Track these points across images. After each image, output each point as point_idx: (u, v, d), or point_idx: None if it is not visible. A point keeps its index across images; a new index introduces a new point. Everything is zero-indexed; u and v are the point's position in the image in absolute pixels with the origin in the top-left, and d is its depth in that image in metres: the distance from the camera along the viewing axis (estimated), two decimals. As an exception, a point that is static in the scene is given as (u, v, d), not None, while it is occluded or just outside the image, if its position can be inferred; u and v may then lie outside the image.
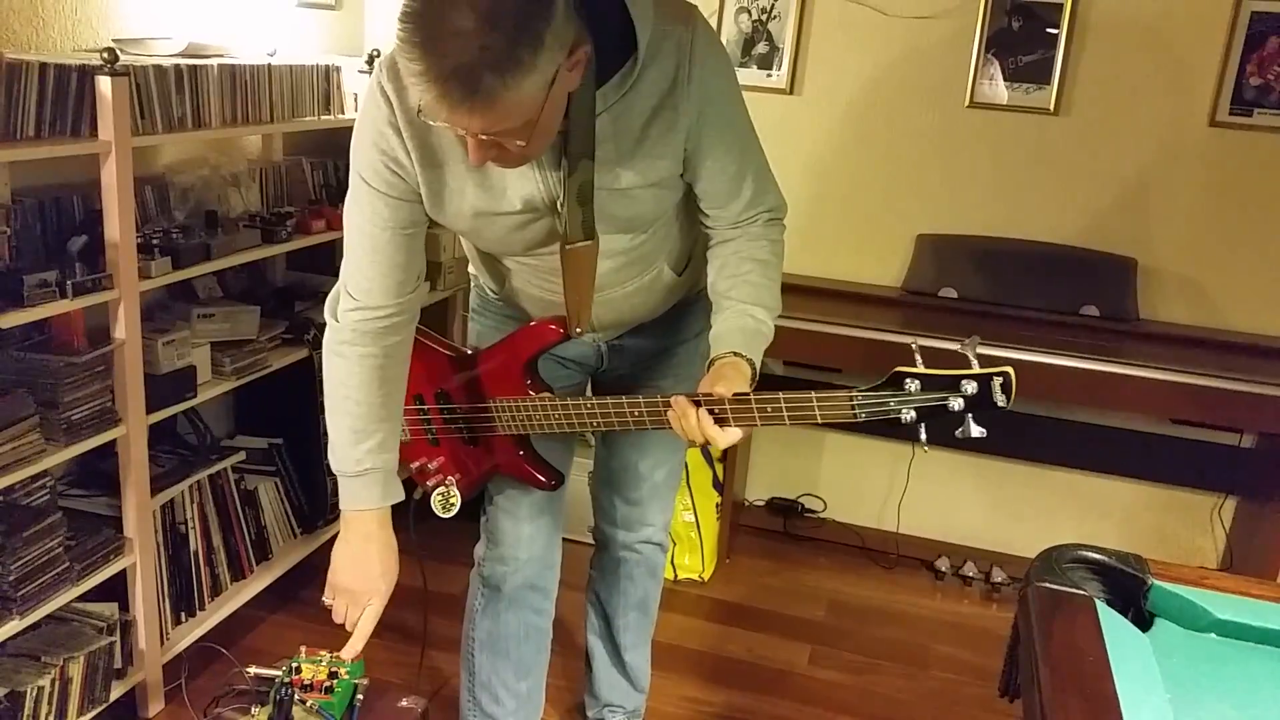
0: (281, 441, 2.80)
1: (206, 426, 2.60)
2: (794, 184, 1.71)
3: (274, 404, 2.80)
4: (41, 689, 1.96)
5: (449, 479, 1.80)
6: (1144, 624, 1.45)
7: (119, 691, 2.18)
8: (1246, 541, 3.04)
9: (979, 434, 1.32)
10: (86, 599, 2.11)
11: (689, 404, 1.44)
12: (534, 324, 1.67)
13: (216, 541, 2.53)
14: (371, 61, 2.77)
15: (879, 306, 3.06)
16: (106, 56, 1.94)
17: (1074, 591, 1.44)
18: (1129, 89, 2.92)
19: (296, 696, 1.75)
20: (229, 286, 2.66)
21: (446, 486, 1.80)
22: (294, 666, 1.82)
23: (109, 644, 2.12)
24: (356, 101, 2.79)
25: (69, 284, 1.91)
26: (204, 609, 2.48)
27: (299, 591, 2.81)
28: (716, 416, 1.43)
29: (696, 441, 1.46)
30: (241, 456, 2.60)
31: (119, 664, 2.18)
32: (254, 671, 1.85)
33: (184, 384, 2.28)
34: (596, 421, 1.60)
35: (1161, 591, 1.48)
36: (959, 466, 3.31)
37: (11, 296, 1.83)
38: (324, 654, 1.87)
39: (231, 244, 2.37)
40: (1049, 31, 2.91)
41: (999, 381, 1.30)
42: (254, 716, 1.63)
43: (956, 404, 1.32)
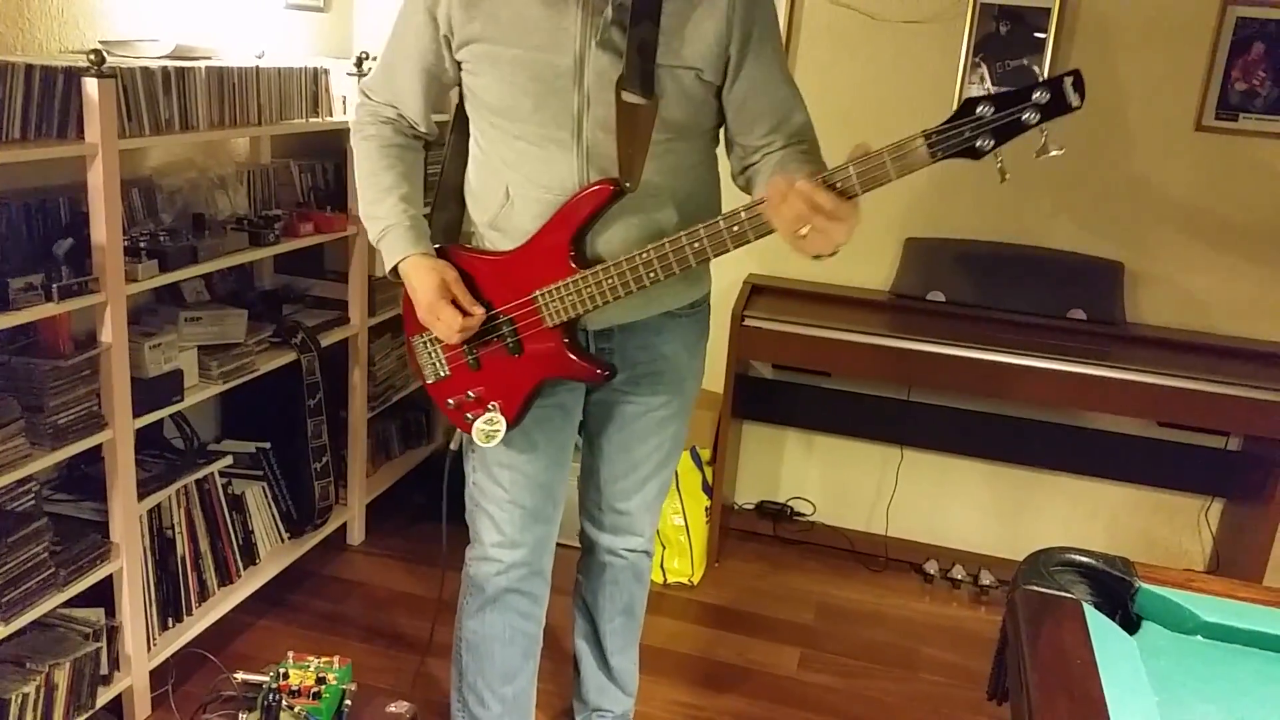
0: (269, 446, 2.79)
1: (193, 431, 2.59)
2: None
3: (261, 408, 2.79)
4: (26, 696, 1.95)
5: (490, 404, 1.74)
6: (1131, 627, 1.46)
7: (105, 698, 2.17)
8: (1233, 544, 3.05)
9: (1057, 152, 1.31)
10: (72, 605, 2.10)
11: (791, 194, 1.40)
12: (580, 191, 1.61)
13: (204, 546, 2.51)
14: (360, 64, 2.77)
15: (867, 310, 3.06)
16: (93, 58, 1.93)
17: (1061, 595, 1.45)
18: (1116, 93, 2.93)
19: (284, 702, 1.75)
20: (216, 290, 2.65)
21: (490, 412, 1.74)
22: (281, 672, 1.82)
23: (95, 650, 2.11)
24: (345, 104, 2.78)
25: (55, 287, 1.90)
26: (191, 614, 2.46)
27: (287, 596, 2.81)
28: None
29: (804, 227, 1.40)
30: (229, 461, 2.59)
31: (105, 670, 2.17)
32: (241, 677, 1.85)
33: (171, 388, 2.27)
34: (654, 273, 1.56)
35: (1148, 594, 1.49)
36: (947, 470, 3.31)
37: (-4, 300, 1.82)
38: (311, 659, 1.87)
39: (219, 247, 2.36)
40: (1036, 36, 2.92)
41: (1070, 81, 1.29)
42: (241, 722, 1.62)
43: (1033, 116, 1.30)
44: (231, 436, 2.84)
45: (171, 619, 2.41)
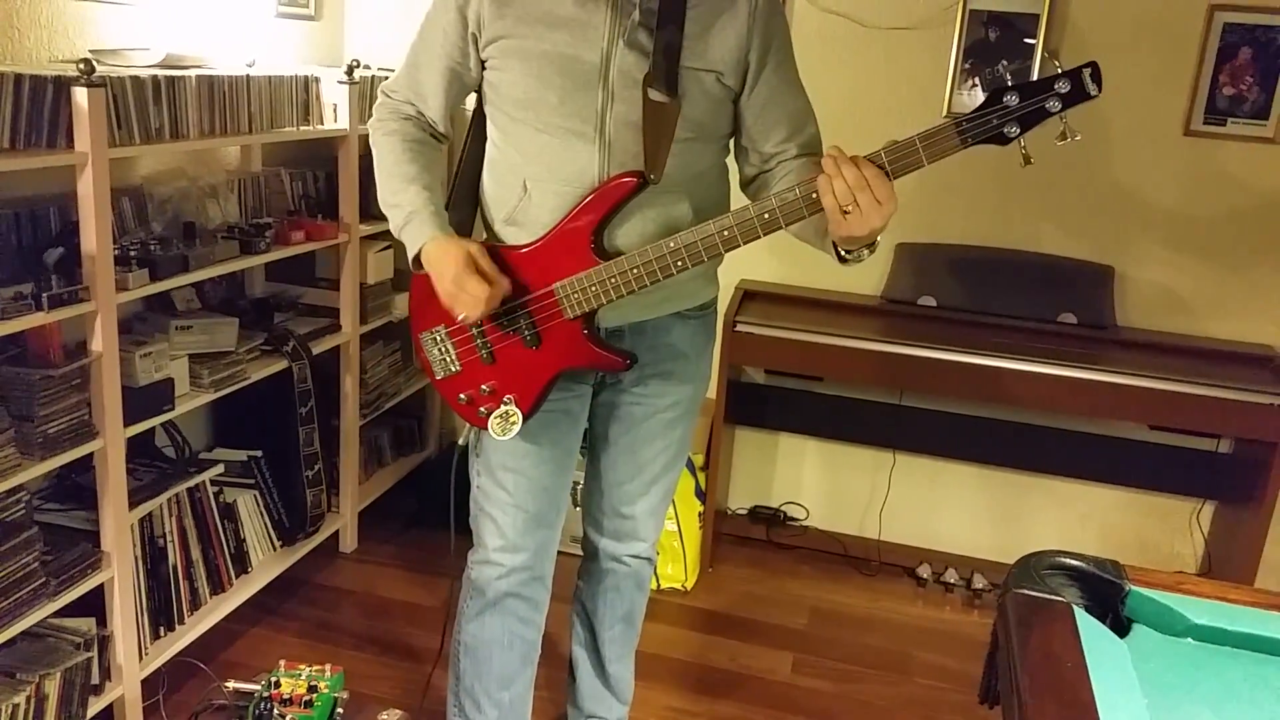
0: (260, 454, 2.78)
1: (185, 439, 2.59)
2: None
3: (253, 416, 2.78)
4: (16, 706, 1.94)
5: (506, 398, 1.74)
6: (1122, 630, 1.46)
7: (96, 708, 2.16)
8: (1225, 546, 3.06)
9: (1077, 138, 1.45)
10: (63, 614, 2.09)
11: (844, 164, 1.48)
12: (605, 183, 1.63)
13: (195, 555, 2.51)
14: (350, 72, 2.77)
15: (858, 315, 3.07)
16: (83, 67, 1.92)
17: (1052, 598, 1.45)
18: (1105, 98, 2.92)
19: (276, 710, 1.74)
20: (207, 298, 2.64)
21: (505, 405, 1.73)
22: (273, 680, 1.81)
23: (86, 660, 2.10)
24: (335, 112, 2.78)
25: (45, 296, 1.90)
26: (183, 623, 2.45)
27: (278, 605, 2.80)
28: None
29: (859, 206, 1.48)
30: (220, 469, 2.58)
31: (96, 680, 2.16)
32: (233, 686, 1.84)
33: (162, 396, 2.27)
34: (682, 261, 1.58)
35: (1139, 597, 1.49)
36: (939, 474, 3.32)
37: (-14, 309, 1.82)
38: (303, 668, 1.86)
39: (210, 255, 2.36)
40: (1026, 42, 2.94)
41: (1088, 73, 1.41)
42: (232, 731, 1.61)
43: (1055, 105, 1.42)
44: (223, 445, 2.84)
45: (163, 628, 2.41)
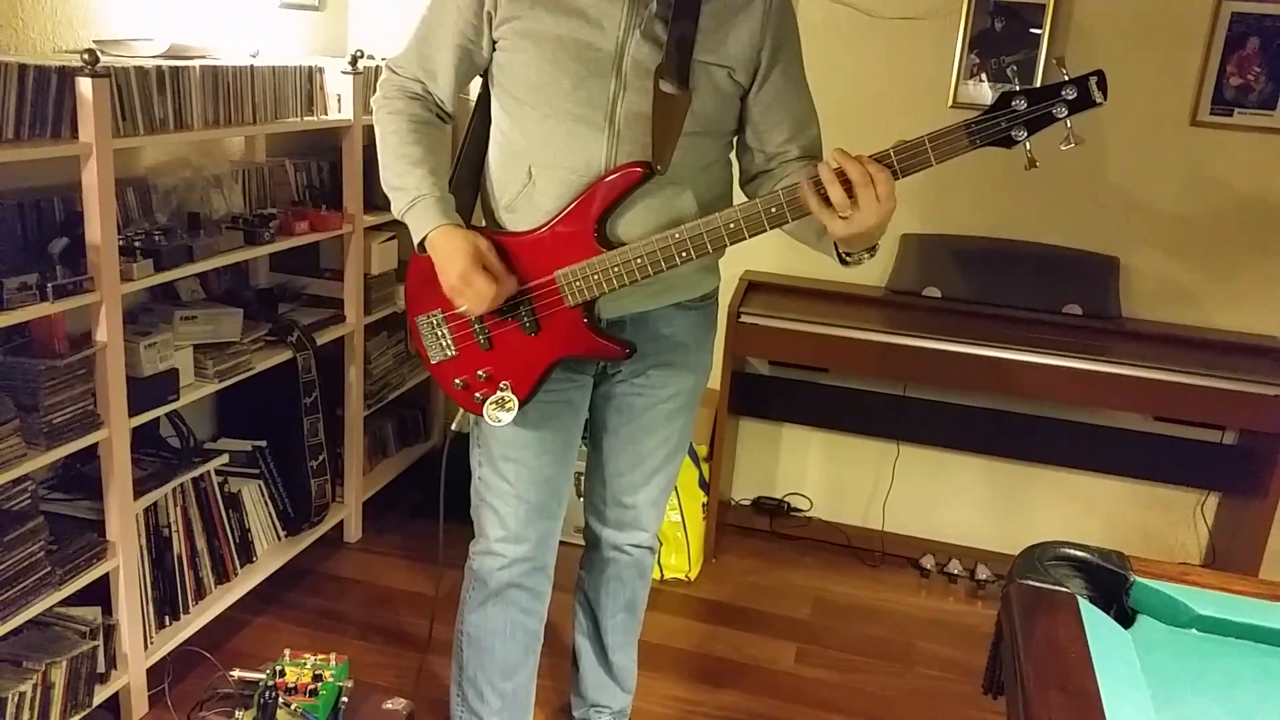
0: (265, 444, 2.78)
1: (189, 429, 2.59)
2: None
3: (257, 406, 2.78)
4: (23, 695, 1.95)
5: (502, 384, 1.73)
6: (1126, 621, 1.46)
7: (102, 696, 2.17)
8: (1229, 538, 3.06)
9: (1079, 144, 1.48)
10: (69, 603, 2.10)
11: (833, 176, 1.50)
12: (610, 172, 1.63)
13: (200, 545, 2.51)
14: (355, 62, 2.76)
15: (863, 306, 3.07)
16: (87, 58, 1.92)
17: (1056, 589, 1.45)
18: (1111, 89, 2.91)
19: (281, 699, 1.75)
20: (211, 288, 2.65)
21: (501, 392, 1.73)
22: (278, 669, 1.82)
23: (91, 649, 2.11)
24: (339, 102, 2.78)
25: (50, 286, 1.90)
26: (188, 612, 2.46)
27: (283, 594, 2.81)
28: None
29: (858, 206, 1.50)
30: (225, 459, 2.59)
31: (102, 669, 2.17)
32: (238, 675, 1.85)
33: (166, 387, 2.27)
34: (686, 252, 1.58)
35: (1143, 588, 1.49)
36: (944, 465, 3.32)
37: (-9, 299, 1.82)
38: (308, 657, 1.87)
39: (214, 246, 2.36)
40: (1032, 32, 2.92)
41: (1095, 81, 1.46)
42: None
43: (1061, 111, 1.46)
44: (228, 435, 2.84)
45: (168, 617, 2.41)
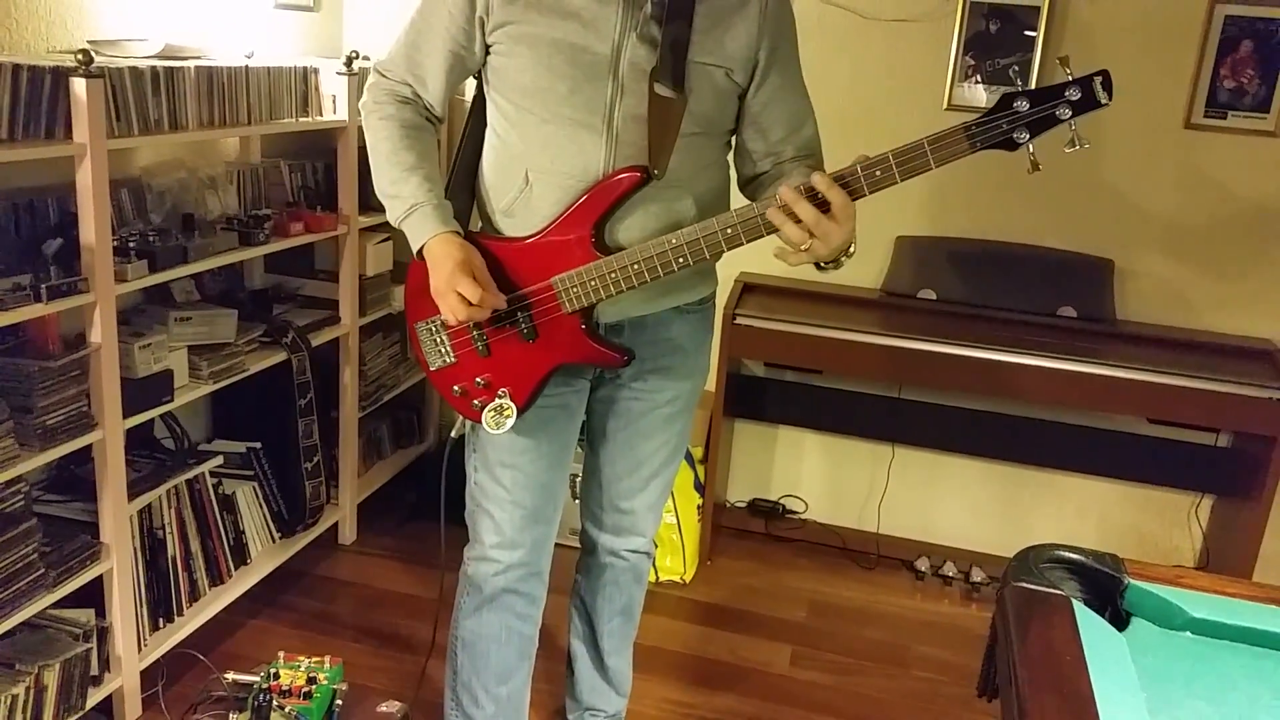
0: (260, 445, 2.78)
1: (184, 431, 2.59)
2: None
3: (252, 408, 2.78)
4: (16, 697, 1.94)
5: (500, 391, 1.73)
6: (1120, 623, 1.46)
7: (95, 699, 2.16)
8: (1223, 540, 3.06)
9: (1085, 145, 1.44)
10: (62, 605, 2.09)
11: (797, 195, 1.48)
12: (608, 177, 1.62)
13: (194, 547, 2.51)
14: (350, 63, 2.76)
15: (858, 308, 3.07)
16: (81, 58, 1.92)
17: (1051, 591, 1.45)
18: (1105, 91, 2.94)
19: (275, 702, 1.75)
20: (206, 289, 2.64)
21: (499, 399, 1.72)
22: (272, 672, 1.82)
23: (85, 651, 2.10)
24: (334, 103, 2.78)
25: (43, 288, 1.89)
26: (182, 614, 2.46)
27: (278, 596, 2.80)
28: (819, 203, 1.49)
29: (805, 244, 1.50)
30: (219, 461, 2.58)
31: (95, 671, 2.16)
32: (232, 677, 1.85)
33: (161, 388, 2.26)
34: (684, 259, 1.58)
35: (1138, 591, 1.49)
36: (938, 467, 3.32)
37: (-15, 300, 1.82)
38: (303, 659, 1.86)
39: (209, 247, 2.35)
40: (1027, 34, 2.93)
41: (1099, 80, 1.42)
42: (231, 723, 1.62)
43: (1065, 112, 1.42)
44: (222, 436, 2.84)
45: (162, 619, 2.41)
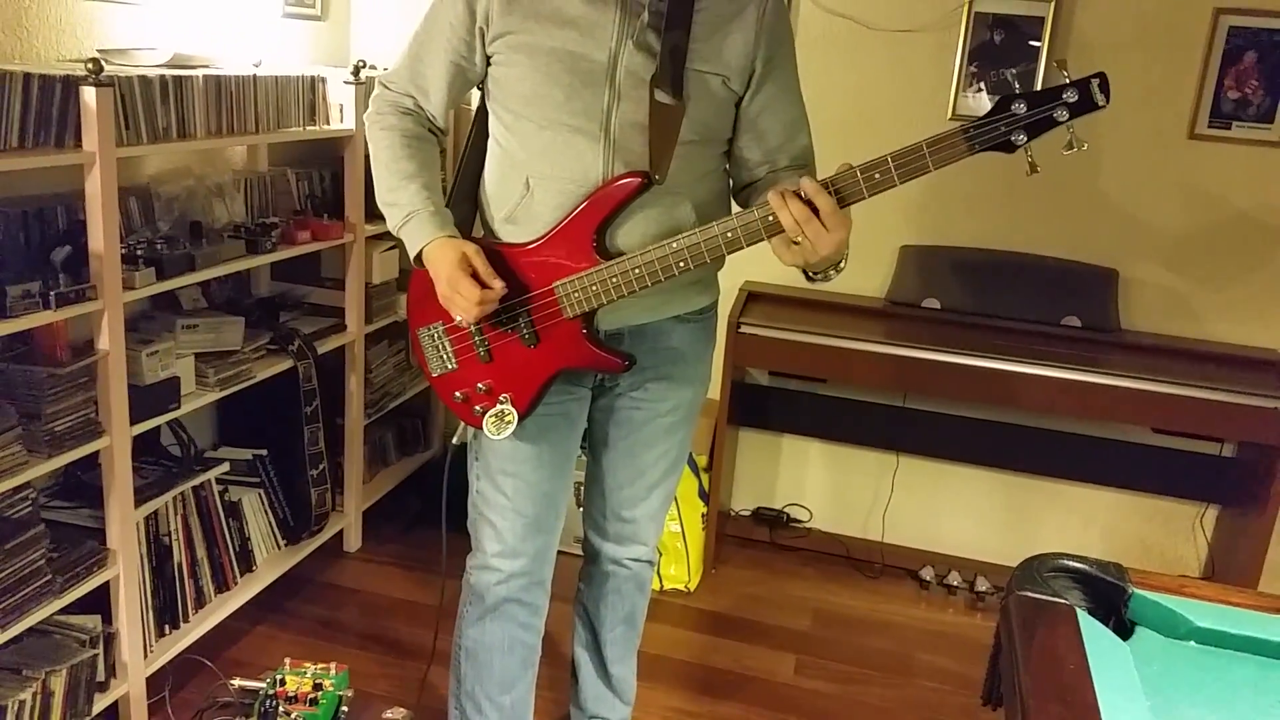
0: (266, 453, 2.79)
1: (190, 438, 2.59)
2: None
3: (258, 415, 2.79)
4: (23, 703, 1.95)
5: (502, 396, 1.73)
6: (1125, 632, 1.46)
7: (102, 705, 2.17)
8: (1228, 550, 3.06)
9: (1082, 148, 1.45)
10: (69, 611, 2.10)
11: (790, 195, 1.48)
12: (609, 182, 1.63)
13: (200, 553, 2.51)
14: (357, 72, 2.78)
15: (862, 317, 3.07)
16: (91, 67, 1.93)
17: (1055, 600, 1.46)
18: (1109, 101, 2.95)
19: (281, 708, 1.75)
20: (213, 297, 2.65)
21: (501, 404, 1.72)
22: (278, 678, 1.82)
23: (91, 657, 2.11)
24: (342, 112, 2.79)
25: (52, 295, 1.91)
26: (188, 621, 2.46)
27: (283, 603, 2.81)
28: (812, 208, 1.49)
29: (806, 238, 1.48)
30: (225, 468, 2.59)
31: (102, 677, 2.16)
32: (238, 684, 1.85)
33: (168, 395, 2.27)
34: (685, 262, 1.58)
35: (1142, 600, 1.49)
36: (943, 476, 3.32)
37: (-6, 307, 1.83)
38: (308, 666, 1.87)
39: (216, 255, 2.36)
40: (1031, 44, 2.94)
41: (1096, 83, 1.43)
42: (238, 729, 1.62)
43: (1062, 114, 1.43)
44: (228, 443, 2.85)
45: (168, 625, 2.41)
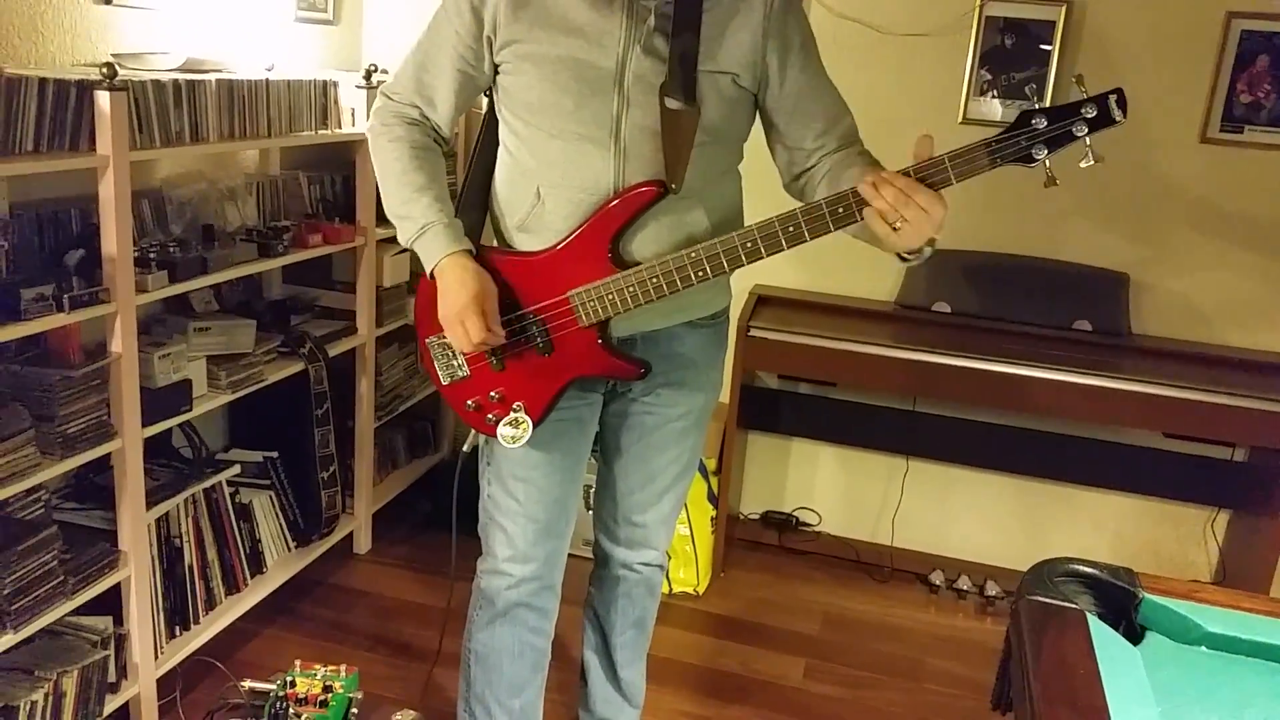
0: (276, 455, 2.80)
1: (202, 440, 2.61)
2: (787, 199, 1.74)
3: (269, 417, 2.80)
4: (35, 703, 1.96)
5: (515, 405, 1.73)
6: (1135, 637, 1.46)
7: (113, 706, 2.18)
8: (1240, 555, 3.04)
9: (1099, 161, 1.50)
10: (80, 613, 2.11)
11: (882, 180, 1.54)
12: (624, 192, 1.62)
13: (211, 555, 2.52)
14: (369, 76, 2.79)
15: (873, 321, 3.07)
16: (105, 71, 1.94)
17: (1065, 605, 1.45)
18: (1121, 105, 2.94)
19: (291, 710, 1.75)
20: (225, 300, 2.67)
21: (514, 413, 1.72)
22: (288, 680, 1.82)
23: (103, 658, 2.12)
24: (354, 116, 2.80)
25: (66, 298, 1.92)
26: (198, 622, 2.47)
27: (293, 605, 2.82)
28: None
29: (896, 221, 1.55)
30: (236, 470, 2.60)
31: (113, 678, 2.18)
32: (248, 685, 1.85)
33: (180, 397, 2.28)
34: (703, 271, 1.59)
35: (1152, 605, 1.49)
36: (953, 480, 3.31)
37: (8, 310, 1.84)
38: (318, 668, 1.87)
39: (228, 258, 2.38)
40: (1042, 48, 2.93)
41: (1114, 99, 1.47)
42: (248, 730, 1.62)
43: (1081, 129, 1.48)
44: (239, 446, 2.86)
45: (179, 627, 2.42)
